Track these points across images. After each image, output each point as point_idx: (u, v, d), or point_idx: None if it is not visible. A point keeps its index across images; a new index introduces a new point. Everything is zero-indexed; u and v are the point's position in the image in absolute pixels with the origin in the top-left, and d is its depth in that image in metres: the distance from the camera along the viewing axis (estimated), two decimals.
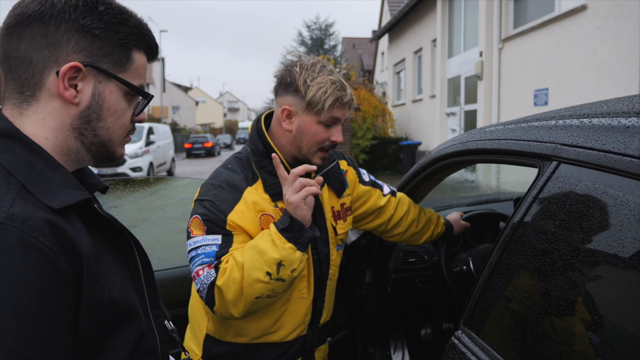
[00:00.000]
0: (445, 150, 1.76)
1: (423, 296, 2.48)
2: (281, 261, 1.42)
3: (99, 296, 0.79)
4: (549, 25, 8.29)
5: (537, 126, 1.24)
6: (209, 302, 1.47)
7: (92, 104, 0.87)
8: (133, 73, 0.91)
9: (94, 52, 0.85)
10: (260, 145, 1.63)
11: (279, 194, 1.56)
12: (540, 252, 1.06)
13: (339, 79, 1.56)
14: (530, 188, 1.16)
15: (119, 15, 0.87)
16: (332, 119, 1.56)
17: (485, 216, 2.39)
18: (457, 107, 12.54)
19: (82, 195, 0.83)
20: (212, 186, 1.55)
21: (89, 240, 0.80)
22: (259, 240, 1.46)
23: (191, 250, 1.51)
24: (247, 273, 1.41)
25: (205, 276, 1.46)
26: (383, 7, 24.84)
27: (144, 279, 0.98)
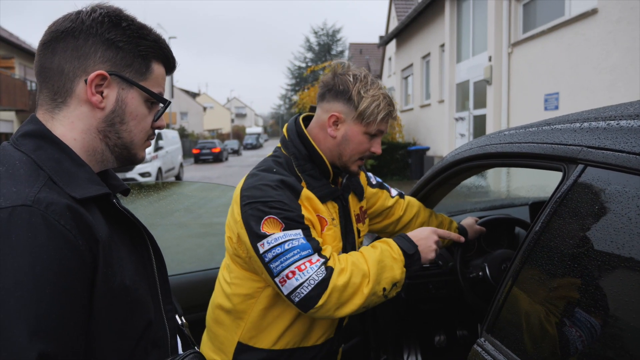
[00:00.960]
0: (462, 154, 1.74)
1: (437, 302, 2.45)
2: (398, 282, 1.50)
3: (112, 280, 0.87)
4: (560, 29, 8.24)
5: (560, 129, 1.21)
6: (312, 298, 1.40)
7: (116, 108, 0.97)
8: (152, 82, 1.01)
9: (117, 62, 0.96)
10: (303, 149, 1.61)
11: (322, 198, 1.59)
12: (567, 258, 1.03)
13: (388, 94, 1.60)
14: (555, 192, 1.13)
15: (140, 30, 0.98)
16: (378, 132, 1.60)
17: (501, 221, 2.36)
18: (466, 112, 12.49)
19: (102, 190, 0.91)
20: (269, 187, 1.50)
21: (106, 230, 0.88)
22: (381, 255, 1.50)
23: (273, 247, 1.43)
24: (372, 284, 1.45)
25: (313, 271, 1.41)
26: (390, 12, 24.87)
27: (157, 273, 1.04)
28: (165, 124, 1.10)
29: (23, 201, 0.78)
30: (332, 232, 1.59)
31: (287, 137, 1.66)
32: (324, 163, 1.60)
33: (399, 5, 23.40)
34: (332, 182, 1.66)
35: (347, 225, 1.70)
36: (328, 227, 1.58)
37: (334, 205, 1.65)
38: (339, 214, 1.66)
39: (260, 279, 1.56)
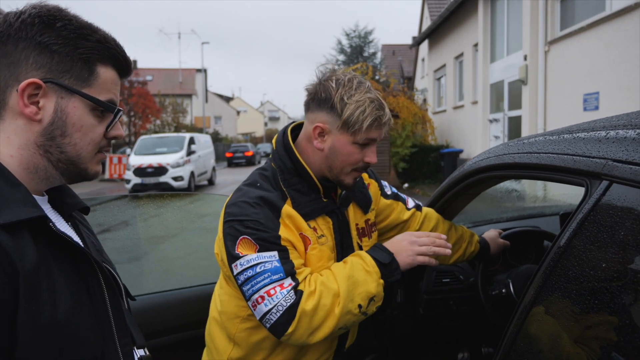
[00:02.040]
0: (479, 163, 1.60)
1: (458, 319, 2.30)
2: (374, 296, 1.40)
3: (38, 315, 0.77)
4: (599, 26, 7.89)
5: (583, 138, 1.07)
6: (280, 325, 1.33)
7: (55, 120, 0.87)
8: (99, 88, 0.91)
9: (53, 68, 0.86)
10: (289, 162, 1.51)
11: (309, 215, 1.48)
12: (587, 291, 0.88)
13: (377, 97, 1.45)
14: (577, 210, 0.98)
15: (79, 30, 0.88)
16: (368, 140, 1.46)
17: (527, 234, 2.19)
18: (501, 114, 12.14)
19: (34, 213, 0.81)
20: (247, 205, 1.42)
21: (34, 259, 0.78)
22: (352, 270, 1.40)
23: (245, 270, 1.36)
24: (344, 303, 1.36)
25: (281, 297, 1.33)
26: (423, 12, 24.54)
27: (110, 303, 0.94)
28: (122, 133, 0.99)
29: None
30: (317, 251, 1.47)
31: (275, 149, 1.57)
32: (310, 177, 1.50)
33: (431, 4, 23.05)
34: (325, 196, 1.54)
35: (345, 241, 1.58)
36: (312, 247, 1.47)
37: (327, 220, 1.53)
38: (333, 230, 1.54)
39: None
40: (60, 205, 0.97)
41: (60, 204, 0.98)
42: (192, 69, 45.25)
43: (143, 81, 28.65)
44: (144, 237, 3.02)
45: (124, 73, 0.96)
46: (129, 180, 15.40)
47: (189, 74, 44.65)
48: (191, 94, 42.89)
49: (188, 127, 32.67)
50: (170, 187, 15.17)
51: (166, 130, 30.58)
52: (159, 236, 3.04)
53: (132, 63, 0.97)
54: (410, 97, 16.53)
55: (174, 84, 42.70)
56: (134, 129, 27.51)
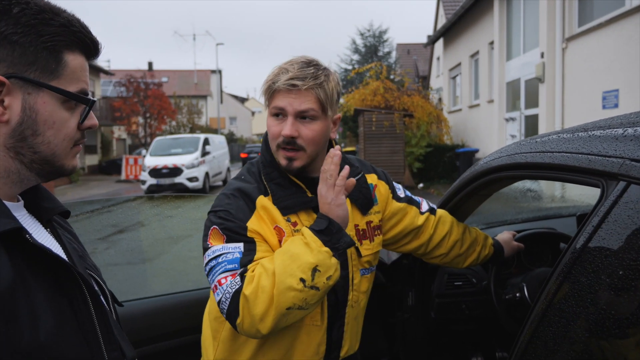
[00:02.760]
0: (490, 163, 1.54)
1: (471, 323, 2.24)
2: (317, 266, 1.28)
3: (18, 339, 0.70)
4: (619, 22, 7.73)
5: (598, 136, 1.01)
6: (231, 314, 1.30)
7: (24, 119, 0.79)
8: (68, 78, 0.82)
9: (15, 61, 0.76)
10: (268, 156, 1.50)
11: (288, 208, 1.44)
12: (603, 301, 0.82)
13: (283, 66, 1.44)
14: (593, 212, 0.93)
15: (39, 15, 0.77)
16: (277, 110, 1.44)
17: (542, 236, 2.12)
18: (517, 112, 11.97)
19: (7, 225, 0.74)
20: (224, 196, 1.45)
21: (9, 275, 0.71)
22: (290, 245, 1.33)
23: (210, 260, 1.37)
24: (278, 280, 1.27)
25: (228, 284, 1.31)
26: (438, 11, 24.34)
27: (96, 317, 0.86)
28: (96, 123, 0.89)
29: None
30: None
31: (262, 143, 1.56)
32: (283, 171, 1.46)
33: (446, 2, 22.84)
34: (312, 192, 1.47)
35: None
36: (286, 239, 1.41)
37: (312, 216, 1.47)
38: None
39: None
40: (38, 210, 0.90)
41: (38, 208, 0.90)
42: (207, 70, 45.53)
43: (158, 83, 28.91)
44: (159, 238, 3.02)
45: (92, 56, 0.87)
46: (144, 181, 15.54)
47: (204, 75, 44.93)
48: (206, 95, 43.17)
49: (203, 128, 32.87)
50: (185, 188, 15.27)
51: (181, 131, 30.81)
52: (174, 237, 3.05)
53: (100, 44, 0.88)
54: (425, 97, 16.39)
55: (189, 85, 43.02)
56: (150, 130, 27.75)
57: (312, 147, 1.43)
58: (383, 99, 15.08)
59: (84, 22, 0.84)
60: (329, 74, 1.44)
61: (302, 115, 1.40)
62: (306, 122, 1.41)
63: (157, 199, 4.12)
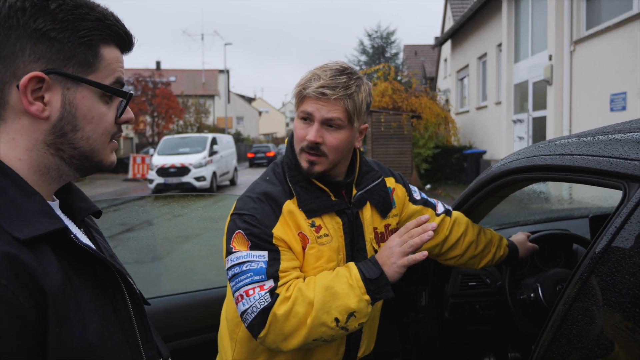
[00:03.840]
0: (508, 165, 1.57)
1: (485, 324, 2.26)
2: (355, 312, 1.32)
3: (70, 339, 0.70)
4: (627, 25, 7.71)
5: (619, 140, 1.04)
6: (255, 327, 1.33)
7: (63, 114, 0.78)
8: (105, 71, 0.82)
9: (54, 57, 0.76)
10: (293, 159, 1.51)
11: (313, 211, 1.45)
12: (628, 298, 0.86)
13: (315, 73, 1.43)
14: (615, 214, 0.96)
15: (76, 10, 0.77)
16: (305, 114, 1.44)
17: (556, 237, 2.15)
18: (525, 114, 11.95)
19: (54, 225, 0.74)
20: (250, 199, 1.44)
21: (60, 276, 0.72)
22: (333, 281, 1.34)
23: (233, 266, 1.37)
24: (315, 314, 1.30)
25: (257, 299, 1.32)
26: (446, 13, 24.31)
27: (135, 316, 0.87)
28: (133, 117, 0.89)
29: None
30: (315, 251, 1.44)
31: (286, 145, 1.58)
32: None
33: (454, 4, 22.81)
34: (336, 195, 1.51)
35: (356, 243, 1.53)
36: (310, 246, 1.44)
37: (336, 220, 1.49)
38: (343, 230, 1.50)
39: None
40: (71, 210, 0.90)
41: (71, 208, 0.90)
42: (214, 69, 45.62)
43: (166, 82, 29.02)
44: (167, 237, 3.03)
45: (127, 49, 0.87)
46: (151, 180, 15.57)
47: (212, 75, 45.04)
48: (214, 95, 43.25)
49: (210, 128, 32.95)
50: (192, 187, 15.31)
51: (189, 130, 30.90)
52: (182, 236, 3.05)
53: (134, 37, 0.87)
54: (433, 98, 16.37)
55: (196, 84, 43.13)
56: (157, 129, 27.86)
57: (335, 155, 1.45)
58: (391, 100, 15.07)
59: (117, 15, 0.84)
60: (360, 84, 1.45)
61: (328, 123, 1.42)
62: (332, 130, 1.43)
63: (164, 198, 4.14)
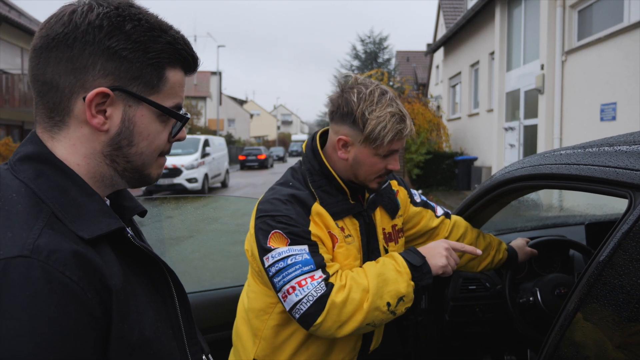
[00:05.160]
0: (513, 173, 1.63)
1: (484, 326, 2.32)
2: (404, 296, 1.42)
3: (130, 334, 0.74)
4: (618, 36, 7.86)
5: (625, 151, 1.10)
6: (309, 315, 1.37)
7: (122, 130, 0.82)
8: (167, 93, 0.85)
9: (122, 75, 0.80)
10: (317, 165, 1.58)
11: (337, 214, 1.54)
12: (635, 301, 0.92)
13: (398, 110, 1.50)
14: (621, 221, 1.02)
15: (149, 32, 0.81)
16: (390, 152, 1.53)
17: (554, 243, 2.22)
18: (516, 122, 12.10)
19: (114, 224, 0.78)
20: (279, 202, 1.49)
21: (121, 273, 0.76)
22: (383, 268, 1.45)
23: (277, 262, 1.41)
24: (372, 299, 1.39)
25: (312, 288, 1.37)
26: (438, 20, 24.53)
27: (181, 312, 0.91)
28: (185, 135, 0.93)
29: (19, 251, 0.66)
30: (343, 249, 1.53)
31: (305, 152, 1.64)
32: (337, 180, 1.56)
33: (447, 12, 23.04)
34: (352, 198, 1.60)
35: (371, 243, 1.63)
36: (339, 245, 1.52)
37: (353, 221, 1.59)
38: (359, 231, 1.59)
39: (273, 294, 1.53)
40: (120, 210, 0.93)
41: (120, 208, 0.94)
42: (207, 71, 45.50)
43: None
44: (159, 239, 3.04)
45: (192, 71, 0.90)
46: None
47: (204, 77, 44.94)
48: (205, 97, 43.15)
49: (202, 129, 32.87)
50: (184, 189, 15.26)
51: None
52: (173, 238, 3.06)
53: (199, 60, 0.91)
54: (425, 104, 16.51)
55: (188, 85, 42.30)
56: None
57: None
58: None
59: (187, 38, 0.87)
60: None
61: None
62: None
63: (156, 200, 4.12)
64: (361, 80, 1.54)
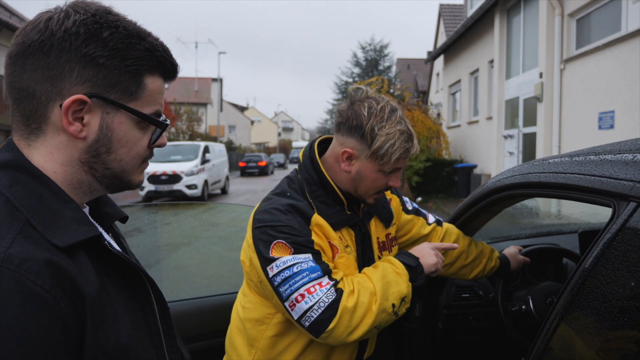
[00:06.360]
0: (503, 181, 1.64)
1: (477, 335, 2.32)
2: (405, 297, 1.46)
3: (105, 342, 0.74)
4: (616, 45, 7.89)
5: (609, 160, 1.11)
6: (321, 322, 1.36)
7: (100, 137, 0.82)
8: (146, 100, 0.85)
9: (99, 82, 0.79)
10: (315, 175, 1.58)
11: (335, 225, 1.54)
12: (616, 309, 0.92)
13: (407, 128, 1.51)
14: (605, 230, 1.02)
15: (127, 39, 0.80)
16: (395, 169, 1.54)
17: (547, 251, 2.22)
18: (515, 130, 12.13)
19: (90, 232, 0.78)
20: (279, 212, 1.48)
21: (96, 281, 0.75)
22: (384, 271, 1.47)
23: (282, 270, 1.39)
24: (380, 301, 1.41)
25: (323, 294, 1.37)
26: (439, 28, 24.63)
27: (160, 319, 0.90)
28: (166, 142, 0.93)
29: None
30: (344, 260, 1.53)
31: (302, 162, 1.63)
32: (335, 191, 1.56)
33: (447, 20, 23.15)
34: (349, 209, 1.60)
35: (366, 253, 1.63)
36: (340, 255, 1.52)
37: (349, 232, 1.59)
38: (355, 242, 1.60)
39: (271, 304, 1.53)
40: (100, 216, 0.93)
41: (100, 214, 0.93)
42: (208, 78, 45.66)
43: None
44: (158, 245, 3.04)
45: (171, 78, 0.89)
46: (142, 187, 15.46)
47: (205, 83, 45.09)
48: (206, 103, 43.26)
49: (202, 136, 32.93)
50: (183, 195, 15.24)
51: (181, 138, 30.85)
52: (172, 244, 3.06)
53: (179, 67, 0.90)
54: (425, 112, 16.55)
55: (189, 92, 43.13)
56: None
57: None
58: None
59: (166, 45, 0.87)
60: None
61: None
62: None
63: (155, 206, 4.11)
64: (372, 94, 1.55)
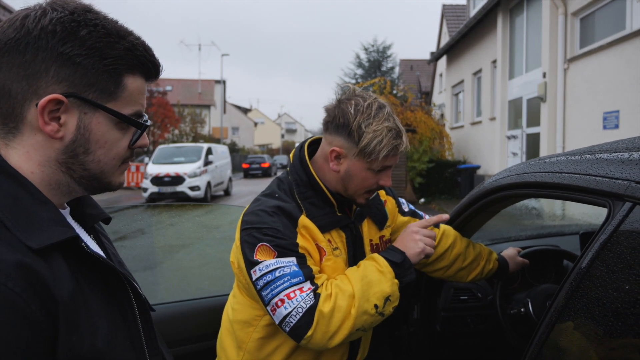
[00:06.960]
0: (499, 182, 1.60)
1: (475, 337, 2.28)
2: (390, 296, 1.40)
3: (79, 346, 0.72)
4: (620, 44, 7.84)
5: (605, 159, 1.08)
6: (299, 327, 1.34)
7: (77, 137, 0.80)
8: (125, 100, 0.83)
9: (76, 81, 0.77)
10: (304, 176, 1.55)
11: (324, 227, 1.51)
12: (610, 313, 0.89)
13: (395, 124, 1.47)
14: (600, 231, 0.99)
15: (106, 38, 0.78)
16: (384, 167, 1.50)
17: (547, 252, 2.18)
18: (519, 130, 12.07)
19: (66, 233, 0.76)
20: (265, 213, 1.46)
21: (71, 284, 0.74)
22: (365, 271, 1.42)
23: (264, 274, 1.38)
24: (359, 303, 1.36)
25: (301, 299, 1.34)
26: (442, 28, 24.59)
27: (141, 321, 0.89)
28: (147, 142, 0.91)
29: None
30: (331, 262, 1.50)
31: (292, 163, 1.60)
32: (324, 192, 1.53)
33: (450, 20, 23.10)
34: (339, 210, 1.57)
35: (358, 256, 1.60)
36: (327, 258, 1.49)
37: (340, 234, 1.56)
38: (346, 244, 1.56)
39: (259, 307, 1.50)
40: (82, 217, 0.92)
41: (82, 215, 0.92)
42: (211, 80, 45.76)
43: (163, 91, 29.13)
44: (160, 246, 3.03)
45: (153, 77, 0.88)
46: (146, 189, 15.52)
47: (208, 85, 45.19)
48: (210, 105, 43.36)
49: (206, 138, 33.01)
50: (186, 197, 15.28)
51: (184, 140, 30.94)
52: (175, 245, 3.06)
53: (161, 67, 0.88)
54: (428, 112, 16.50)
55: (193, 94, 43.24)
56: (153, 138, 27.86)
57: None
58: None
59: (147, 44, 0.85)
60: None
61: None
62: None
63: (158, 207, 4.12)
64: (359, 92, 1.52)
